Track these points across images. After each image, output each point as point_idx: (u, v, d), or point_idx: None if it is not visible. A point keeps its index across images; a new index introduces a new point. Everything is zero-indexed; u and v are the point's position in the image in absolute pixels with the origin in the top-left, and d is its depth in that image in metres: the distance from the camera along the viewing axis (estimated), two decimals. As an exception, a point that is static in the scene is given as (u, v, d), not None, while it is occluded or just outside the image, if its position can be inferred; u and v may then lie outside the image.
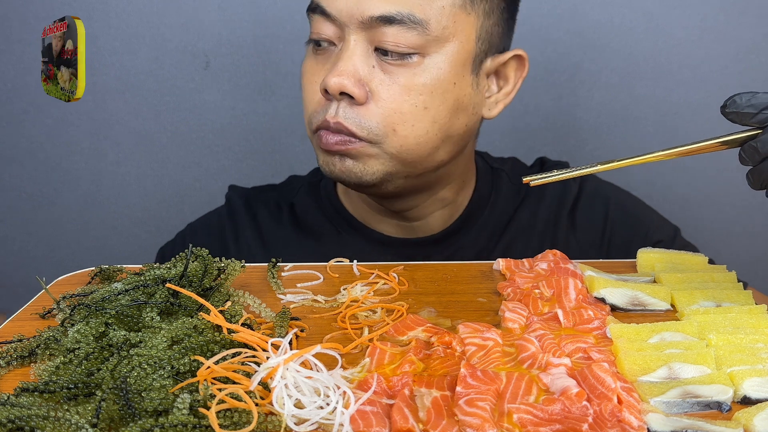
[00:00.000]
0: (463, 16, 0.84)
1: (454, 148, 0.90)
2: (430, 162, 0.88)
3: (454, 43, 0.84)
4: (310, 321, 0.71)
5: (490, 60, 0.89)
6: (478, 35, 0.86)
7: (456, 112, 0.86)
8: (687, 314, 0.69)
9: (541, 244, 0.98)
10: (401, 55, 0.82)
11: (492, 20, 0.87)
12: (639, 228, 1.01)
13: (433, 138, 0.85)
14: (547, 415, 0.54)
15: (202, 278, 0.72)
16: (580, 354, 0.63)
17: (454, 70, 0.84)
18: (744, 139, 0.64)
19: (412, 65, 0.82)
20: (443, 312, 0.73)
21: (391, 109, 0.83)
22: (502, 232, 1.00)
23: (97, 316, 0.65)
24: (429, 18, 0.81)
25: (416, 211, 0.97)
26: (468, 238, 0.99)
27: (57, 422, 0.50)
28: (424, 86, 0.83)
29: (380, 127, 0.83)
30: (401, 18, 0.80)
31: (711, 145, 0.66)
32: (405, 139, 0.84)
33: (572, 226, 1.00)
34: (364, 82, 0.82)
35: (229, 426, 0.51)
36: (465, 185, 0.99)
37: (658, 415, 0.54)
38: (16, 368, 0.63)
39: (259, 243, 1.00)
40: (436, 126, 0.85)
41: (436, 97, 0.84)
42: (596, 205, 1.01)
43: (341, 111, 0.83)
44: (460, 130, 0.88)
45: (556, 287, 0.74)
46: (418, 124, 0.84)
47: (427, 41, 0.82)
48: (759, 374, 0.58)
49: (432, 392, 0.56)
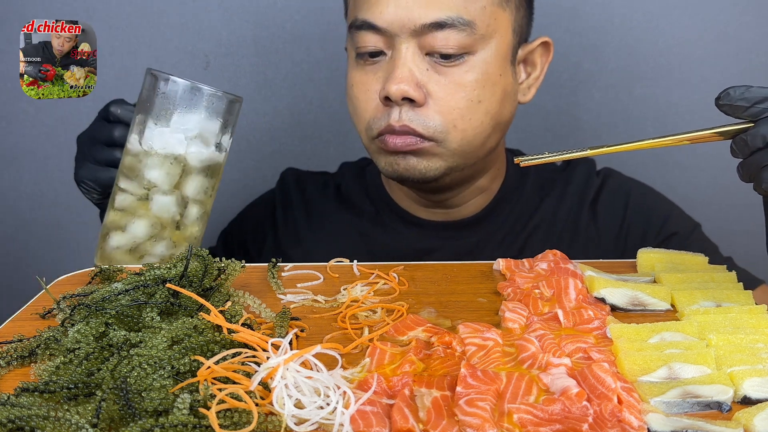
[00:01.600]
0: (501, 12, 0.90)
1: (501, 134, 0.97)
2: (482, 151, 0.94)
3: (497, 39, 0.89)
4: (310, 321, 0.71)
5: (521, 49, 0.95)
6: (513, 28, 0.92)
7: (504, 101, 0.92)
8: (687, 314, 0.69)
9: (562, 233, 1.03)
10: (452, 56, 0.87)
11: (522, 12, 0.93)
12: (656, 219, 1.03)
13: (487, 128, 0.92)
14: (547, 415, 0.54)
15: (202, 278, 0.72)
16: (580, 354, 0.63)
17: (499, 63, 0.90)
18: (736, 131, 0.65)
19: (462, 64, 0.88)
20: (443, 312, 0.73)
21: (449, 106, 0.88)
22: (528, 219, 1.04)
23: (97, 316, 0.65)
24: (475, 19, 0.87)
25: (456, 199, 1.02)
26: (496, 224, 1.04)
27: (57, 422, 0.50)
28: (476, 81, 0.88)
29: (443, 125, 0.88)
30: (451, 22, 0.85)
31: (704, 135, 0.67)
32: (464, 132, 0.90)
33: (593, 217, 1.04)
34: (421, 85, 0.87)
35: (229, 426, 0.51)
36: (498, 173, 1.04)
37: (658, 415, 0.54)
38: (16, 368, 0.63)
39: (304, 214, 1.09)
40: (489, 116, 0.91)
41: (487, 90, 0.89)
42: (617, 197, 1.05)
43: (404, 114, 0.88)
44: (507, 117, 0.95)
45: (556, 287, 0.74)
46: (474, 117, 0.89)
47: (475, 40, 0.87)
48: (759, 374, 0.58)
49: (432, 392, 0.56)
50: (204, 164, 0.84)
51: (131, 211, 0.83)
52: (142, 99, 0.83)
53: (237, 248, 1.13)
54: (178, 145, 0.82)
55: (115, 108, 0.88)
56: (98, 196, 0.90)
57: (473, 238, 1.03)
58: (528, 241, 1.02)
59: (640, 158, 1.34)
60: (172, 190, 0.82)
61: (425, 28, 0.85)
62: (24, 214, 1.43)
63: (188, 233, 0.85)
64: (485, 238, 1.03)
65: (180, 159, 0.82)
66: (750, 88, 0.64)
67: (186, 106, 0.81)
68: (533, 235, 1.03)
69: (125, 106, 0.88)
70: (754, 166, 0.64)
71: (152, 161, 0.82)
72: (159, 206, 0.82)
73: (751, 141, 0.63)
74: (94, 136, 0.89)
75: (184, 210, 0.83)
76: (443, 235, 1.03)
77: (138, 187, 0.83)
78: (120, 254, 0.83)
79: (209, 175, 0.85)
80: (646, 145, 0.69)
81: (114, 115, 0.87)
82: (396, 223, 1.05)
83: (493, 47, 0.89)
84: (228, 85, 1.34)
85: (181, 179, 0.83)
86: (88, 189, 0.89)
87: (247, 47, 1.33)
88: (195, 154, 0.83)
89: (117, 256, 0.83)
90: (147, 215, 0.82)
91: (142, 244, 0.82)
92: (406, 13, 0.85)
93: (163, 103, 0.81)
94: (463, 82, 0.88)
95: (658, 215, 1.03)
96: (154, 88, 0.82)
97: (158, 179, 0.82)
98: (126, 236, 0.83)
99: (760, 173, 0.63)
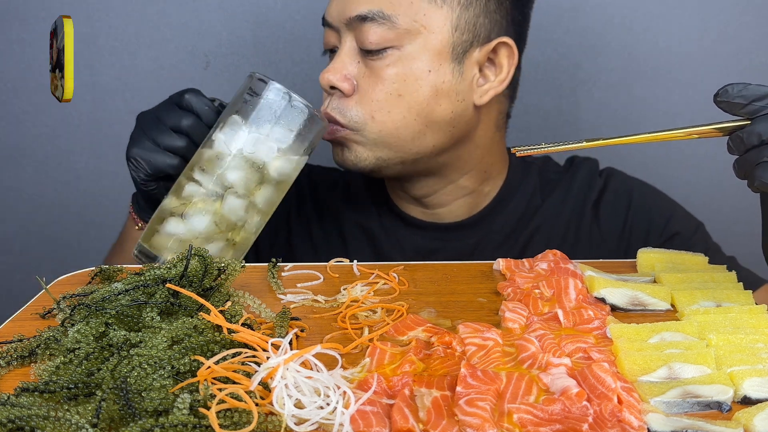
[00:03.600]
0: (433, 8, 0.90)
1: (445, 134, 0.94)
2: (418, 146, 0.94)
3: (426, 34, 0.89)
4: (310, 321, 0.71)
5: (479, 50, 0.93)
6: (455, 25, 0.90)
7: (436, 99, 0.91)
8: (687, 314, 0.69)
9: (565, 233, 1.03)
10: (379, 50, 0.89)
11: (472, 12, 0.91)
12: (659, 219, 1.03)
13: (412, 123, 0.92)
14: (547, 415, 0.54)
15: (202, 278, 0.72)
16: (580, 354, 0.63)
17: (428, 58, 0.90)
18: (734, 128, 0.65)
19: (385, 57, 0.90)
20: (443, 312, 0.73)
21: (369, 98, 0.91)
22: (529, 219, 1.04)
23: (97, 316, 0.65)
24: (398, 13, 0.88)
25: (435, 198, 1.02)
26: (496, 225, 1.03)
27: (57, 422, 0.50)
28: (396, 75, 0.90)
29: (360, 115, 0.91)
30: (372, 15, 0.88)
31: (702, 130, 0.67)
32: (383, 124, 0.91)
33: (596, 217, 1.04)
34: (350, 77, 0.91)
35: (229, 426, 0.51)
36: (491, 176, 1.03)
37: (658, 415, 0.54)
38: (16, 368, 0.62)
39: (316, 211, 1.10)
40: (413, 112, 0.91)
41: (409, 85, 0.90)
42: (620, 197, 1.05)
43: (331, 103, 0.93)
44: (445, 115, 0.93)
45: (556, 287, 0.74)
46: (394, 111, 0.91)
47: (398, 35, 0.89)
48: (759, 374, 0.58)
49: (432, 392, 0.56)
50: (281, 178, 0.84)
51: (197, 203, 0.81)
52: (241, 101, 0.83)
53: None
54: (267, 155, 0.82)
55: (190, 96, 0.86)
56: (144, 177, 0.87)
57: (473, 240, 1.03)
58: (530, 243, 1.02)
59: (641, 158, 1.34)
60: (246, 195, 0.82)
61: (354, 21, 0.89)
62: (24, 214, 1.43)
63: (243, 240, 0.84)
64: (484, 240, 1.03)
65: (263, 168, 0.82)
66: (748, 85, 0.64)
67: (286, 122, 0.82)
68: (535, 236, 1.03)
69: (201, 97, 0.87)
70: (748, 163, 0.64)
71: (236, 163, 0.81)
72: (230, 207, 0.81)
73: (746, 138, 0.64)
74: (161, 118, 0.87)
75: (246, 216, 0.83)
76: (444, 237, 1.03)
77: (212, 182, 0.81)
78: (174, 242, 0.81)
79: (280, 189, 0.85)
80: (644, 139, 0.69)
81: (188, 103, 0.86)
82: (396, 225, 1.06)
83: (422, 42, 0.89)
84: (228, 85, 1.34)
85: (255, 187, 0.82)
86: (136, 167, 0.86)
87: (247, 47, 1.33)
88: (278, 167, 0.82)
89: (169, 242, 0.82)
90: (212, 212, 0.81)
91: (196, 239, 0.81)
92: (342, 7, 0.91)
93: (265, 112, 0.81)
94: (384, 76, 0.90)
95: (660, 215, 1.03)
96: (259, 94, 0.82)
97: (237, 182, 0.81)
98: (185, 226, 0.81)
99: (754, 170, 0.63)
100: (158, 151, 0.85)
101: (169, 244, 0.82)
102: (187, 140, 0.85)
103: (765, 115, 0.63)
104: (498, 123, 1.00)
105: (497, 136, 1.01)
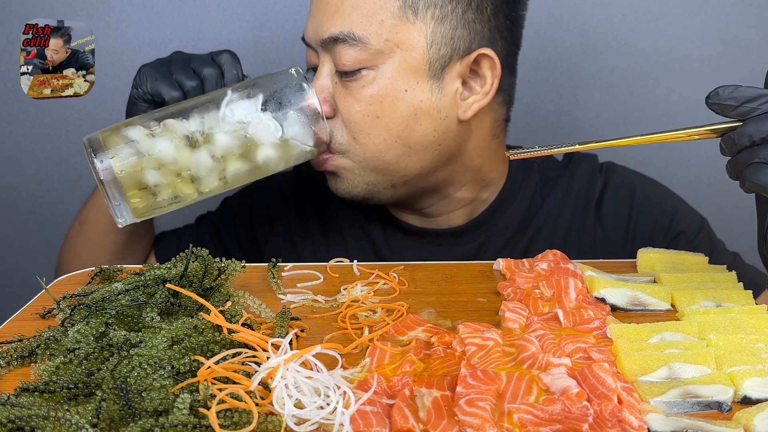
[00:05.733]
0: (405, 25, 0.86)
1: (431, 154, 0.91)
2: (405, 169, 0.91)
3: (401, 53, 0.86)
4: (310, 321, 0.71)
5: (459, 63, 0.88)
6: (431, 41, 0.86)
7: (416, 119, 0.88)
8: (687, 314, 0.69)
9: (567, 234, 1.01)
10: (353, 72, 0.86)
11: (448, 24, 0.87)
12: (662, 218, 1.02)
13: (393, 145, 0.88)
14: (547, 415, 0.54)
15: (203, 278, 0.72)
16: (580, 354, 0.63)
17: (404, 78, 0.86)
18: (726, 129, 0.65)
19: (360, 78, 0.86)
20: (443, 312, 0.73)
21: (348, 120, 0.88)
22: (530, 220, 1.02)
23: (97, 316, 0.65)
24: (369, 33, 0.85)
25: (433, 209, 1.01)
26: (497, 228, 1.02)
27: (57, 422, 0.50)
28: (372, 96, 0.86)
29: (344, 136, 0.89)
30: (343, 37, 0.85)
31: (695, 132, 0.67)
32: (365, 146, 0.89)
33: (598, 216, 1.02)
34: (330, 99, 0.88)
35: (229, 426, 0.51)
36: (488, 185, 1.01)
37: (659, 415, 0.54)
38: (16, 368, 0.63)
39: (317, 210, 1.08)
40: (394, 133, 0.88)
41: (386, 106, 0.87)
42: (622, 195, 1.03)
43: None
44: (427, 135, 0.89)
45: (556, 287, 0.74)
46: (374, 133, 0.88)
47: (371, 55, 0.85)
48: (759, 374, 0.58)
49: (432, 392, 0.56)
50: (260, 165, 0.83)
51: (172, 134, 0.79)
52: (267, 83, 0.83)
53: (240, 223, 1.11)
54: (265, 137, 0.81)
55: (227, 56, 0.88)
56: (141, 93, 0.88)
57: (475, 244, 1.01)
58: (531, 244, 1.01)
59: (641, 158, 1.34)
60: (219, 159, 0.81)
61: (328, 43, 0.86)
62: (24, 215, 1.43)
63: (185, 195, 0.82)
64: (485, 243, 1.01)
65: (252, 146, 0.81)
66: (739, 87, 0.64)
67: (298, 117, 0.83)
68: (537, 237, 1.01)
69: (235, 62, 0.88)
70: (740, 164, 0.64)
71: (233, 131, 0.80)
72: (198, 160, 0.80)
73: (738, 139, 0.64)
74: (191, 60, 0.88)
75: (207, 178, 0.81)
76: (444, 243, 1.02)
77: (197, 130, 0.80)
78: (125, 147, 0.78)
79: (252, 175, 0.84)
80: (635, 142, 0.69)
81: (220, 59, 0.87)
82: (396, 233, 1.04)
83: (396, 61, 0.86)
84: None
85: (232, 158, 0.81)
86: (140, 81, 0.88)
87: (247, 47, 1.33)
88: (266, 153, 0.82)
89: (122, 143, 0.78)
90: (179, 149, 0.79)
91: (148, 159, 0.78)
92: (315, 27, 0.88)
93: (284, 100, 0.82)
94: (360, 97, 0.87)
95: (664, 214, 1.02)
96: (289, 83, 0.83)
97: (222, 145, 0.80)
98: (146, 141, 0.78)
99: (745, 171, 0.63)
100: (168, 78, 0.87)
101: (120, 146, 0.78)
102: (199, 86, 0.86)
103: (756, 116, 0.63)
104: (494, 131, 0.97)
105: (494, 144, 0.98)
